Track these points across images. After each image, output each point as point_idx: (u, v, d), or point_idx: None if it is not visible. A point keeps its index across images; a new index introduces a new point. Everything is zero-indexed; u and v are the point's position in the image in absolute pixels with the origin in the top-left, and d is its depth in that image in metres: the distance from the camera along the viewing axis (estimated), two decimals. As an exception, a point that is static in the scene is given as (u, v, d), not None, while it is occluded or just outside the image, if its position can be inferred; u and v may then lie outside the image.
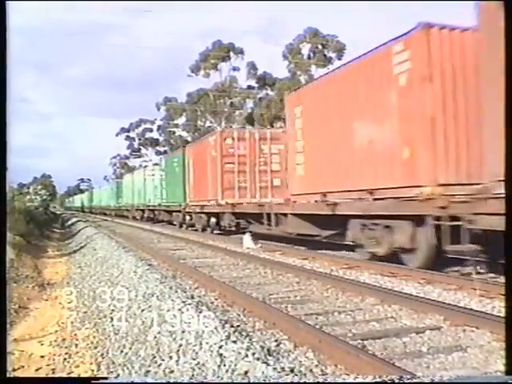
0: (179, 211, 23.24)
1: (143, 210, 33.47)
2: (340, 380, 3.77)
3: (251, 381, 3.62)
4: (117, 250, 12.87)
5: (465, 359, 4.19)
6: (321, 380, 3.77)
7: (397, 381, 3.43)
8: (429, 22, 8.07)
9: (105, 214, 51.20)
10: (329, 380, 3.75)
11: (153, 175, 31.12)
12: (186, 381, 3.81)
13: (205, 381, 3.76)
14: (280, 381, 3.58)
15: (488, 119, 6.60)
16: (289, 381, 3.61)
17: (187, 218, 22.19)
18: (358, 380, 3.68)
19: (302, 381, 3.68)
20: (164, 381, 3.88)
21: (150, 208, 31.04)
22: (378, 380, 3.51)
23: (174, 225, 24.62)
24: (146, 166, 33.98)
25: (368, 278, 7.96)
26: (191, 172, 21.65)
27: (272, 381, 3.57)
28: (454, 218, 7.22)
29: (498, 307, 5.62)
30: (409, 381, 3.46)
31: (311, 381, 3.73)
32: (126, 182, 41.14)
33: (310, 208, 11.43)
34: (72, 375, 4.29)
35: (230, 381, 3.68)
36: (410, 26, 8.13)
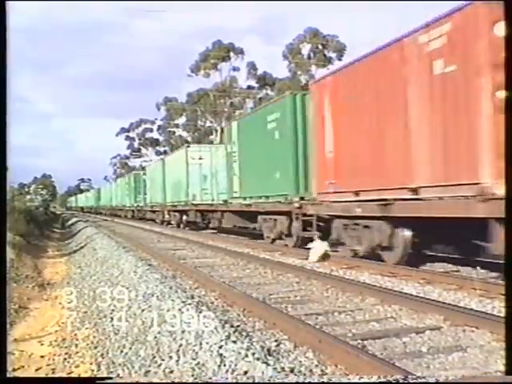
0: (281, 214, 12.57)
1: (183, 212, 23.14)
2: (340, 380, 3.77)
3: (251, 381, 3.62)
4: (117, 249, 12.87)
5: (465, 359, 4.18)
6: (321, 380, 3.77)
7: (396, 381, 3.43)
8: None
9: (118, 217, 41.80)
10: (329, 380, 3.75)
11: (200, 159, 21.77)
12: (185, 381, 3.81)
13: (205, 381, 3.75)
14: (280, 381, 3.58)
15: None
16: (289, 381, 3.61)
17: (295, 225, 11.90)
18: (357, 380, 3.68)
19: (302, 381, 3.68)
20: (164, 381, 3.88)
21: (200, 208, 21.01)
22: (378, 380, 3.51)
23: (259, 237, 14.89)
24: (188, 146, 23.22)
25: (368, 278, 7.96)
26: (328, 131, 10.16)
27: (272, 381, 3.57)
28: None
29: (498, 307, 5.62)
30: (409, 381, 3.45)
31: (311, 381, 3.73)
32: (152, 173, 30.87)
33: None
34: (72, 375, 4.29)
35: (230, 381, 3.68)
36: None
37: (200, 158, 21.83)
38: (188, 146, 23.61)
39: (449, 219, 7.08)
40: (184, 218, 23.02)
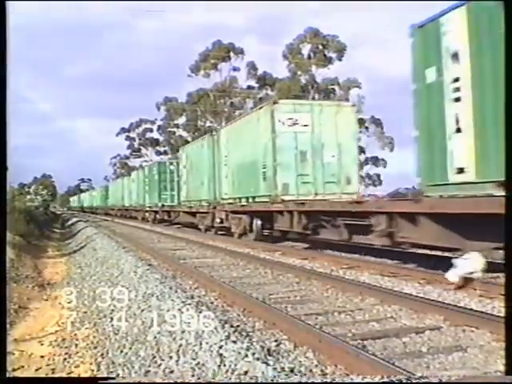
0: None
1: (257, 214, 14.36)
2: (340, 380, 3.77)
3: (251, 381, 3.62)
4: (117, 250, 12.86)
5: (465, 359, 4.18)
6: (321, 380, 3.77)
7: (395, 382, 3.43)
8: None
9: (134, 218, 33.92)
10: (329, 380, 3.75)
11: (295, 124, 13.10)
12: (185, 381, 3.81)
13: (205, 381, 3.75)
14: (280, 381, 3.58)
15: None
16: (289, 381, 3.61)
17: None
18: (358, 380, 3.68)
19: (302, 381, 3.68)
20: (164, 381, 3.87)
21: (314, 209, 11.06)
22: (378, 380, 3.51)
23: None
24: (275, 103, 13.49)
25: (368, 278, 7.96)
26: None
27: (272, 381, 3.57)
28: None
29: (498, 307, 5.62)
30: (409, 381, 3.45)
31: (311, 381, 3.73)
32: (192, 157, 21.40)
33: None
34: (72, 375, 4.30)
35: (230, 381, 3.68)
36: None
37: (294, 124, 13.02)
38: (275, 103, 13.50)
39: None
40: (257, 222, 14.53)
